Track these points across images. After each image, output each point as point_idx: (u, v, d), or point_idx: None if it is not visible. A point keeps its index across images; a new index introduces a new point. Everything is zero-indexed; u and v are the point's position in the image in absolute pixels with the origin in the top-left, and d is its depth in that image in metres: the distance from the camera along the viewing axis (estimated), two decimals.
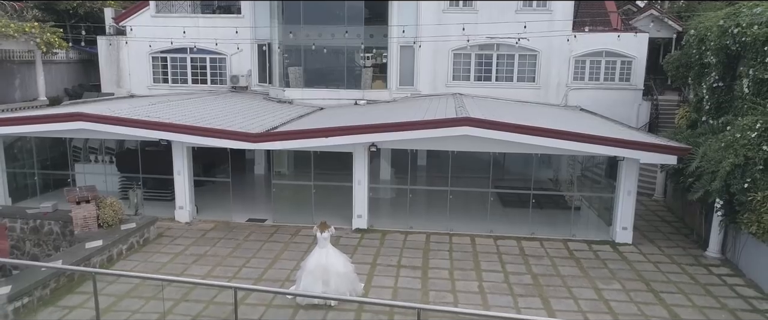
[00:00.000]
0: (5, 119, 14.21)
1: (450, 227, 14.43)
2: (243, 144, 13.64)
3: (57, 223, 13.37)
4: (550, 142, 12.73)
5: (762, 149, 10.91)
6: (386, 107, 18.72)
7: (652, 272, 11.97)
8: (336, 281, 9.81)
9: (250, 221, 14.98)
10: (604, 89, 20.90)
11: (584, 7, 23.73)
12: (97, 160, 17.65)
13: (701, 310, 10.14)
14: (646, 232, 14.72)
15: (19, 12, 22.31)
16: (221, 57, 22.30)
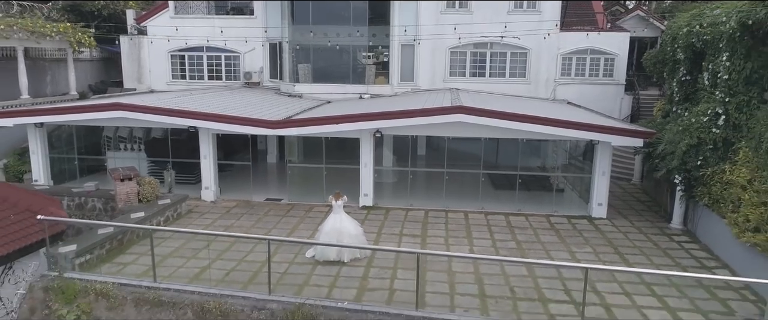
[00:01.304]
0: (55, 108, 16.17)
1: (446, 205, 16.38)
2: (264, 130, 15.60)
3: (99, 200, 15.30)
4: (532, 127, 14.70)
5: (712, 131, 12.86)
6: (388, 99, 20.65)
7: (620, 239, 13.93)
8: (348, 241, 11.75)
9: (268, 200, 16.94)
10: (590, 83, 22.86)
11: (572, 8, 25.62)
12: (126, 147, 19.59)
13: (658, 267, 12.07)
14: (620, 209, 16.68)
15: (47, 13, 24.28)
16: (235, 55, 24.24)
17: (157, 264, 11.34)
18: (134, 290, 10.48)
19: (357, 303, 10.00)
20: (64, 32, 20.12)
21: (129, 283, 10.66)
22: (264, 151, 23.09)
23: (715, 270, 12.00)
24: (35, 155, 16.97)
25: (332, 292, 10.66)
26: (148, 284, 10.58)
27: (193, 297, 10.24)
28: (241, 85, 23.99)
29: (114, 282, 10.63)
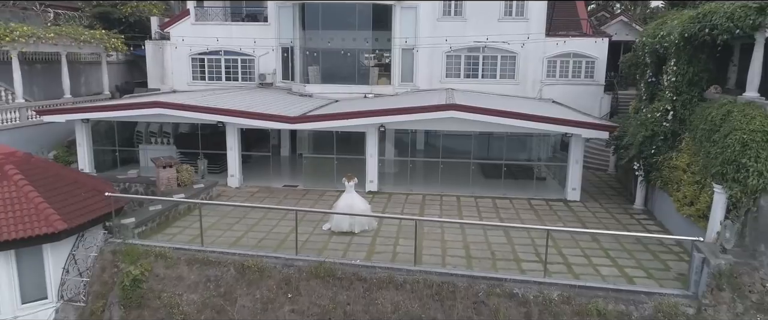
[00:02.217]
0: (102, 106, 18.75)
1: (441, 190, 18.96)
2: (284, 125, 18.20)
3: (141, 185, 17.88)
4: (514, 122, 17.28)
5: (663, 125, 15.43)
6: (390, 98, 23.22)
7: (589, 217, 16.52)
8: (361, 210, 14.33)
9: (285, 186, 19.52)
10: (572, 84, 25.45)
11: (559, 14, 28.20)
12: (156, 141, 22.15)
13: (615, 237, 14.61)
14: (594, 194, 19.27)
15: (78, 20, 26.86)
16: (250, 58, 26.81)
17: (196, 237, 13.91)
18: (185, 252, 13.06)
19: (367, 261, 12.58)
20: (101, 39, 22.70)
21: (181, 247, 13.25)
22: (277, 145, 25.61)
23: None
24: (81, 147, 19.54)
25: (346, 254, 13.22)
26: (197, 248, 13.17)
27: (234, 257, 12.82)
28: (255, 85, 26.54)
29: (169, 247, 13.22)
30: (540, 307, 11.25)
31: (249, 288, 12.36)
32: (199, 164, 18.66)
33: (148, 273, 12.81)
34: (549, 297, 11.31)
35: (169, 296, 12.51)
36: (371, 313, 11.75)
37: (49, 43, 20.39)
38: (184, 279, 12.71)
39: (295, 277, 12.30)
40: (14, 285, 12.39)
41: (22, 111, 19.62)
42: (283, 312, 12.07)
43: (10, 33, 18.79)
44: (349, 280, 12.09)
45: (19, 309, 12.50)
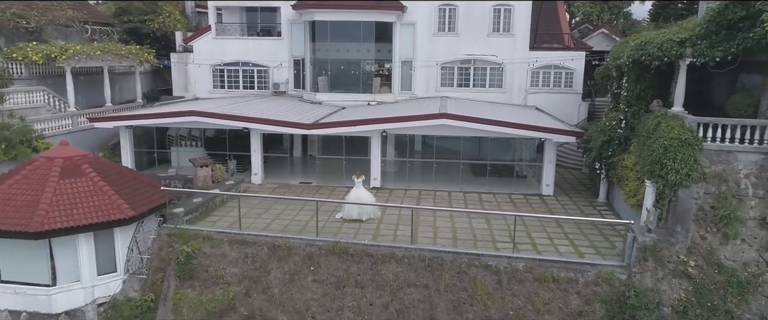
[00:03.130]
0: (145, 114, 22.09)
1: (435, 187, 22.31)
2: (301, 131, 21.56)
3: (179, 181, 21.18)
4: (496, 128, 20.63)
5: (617, 132, 18.80)
6: (392, 106, 26.58)
7: (558, 208, 19.89)
8: (366, 205, 17.68)
9: (301, 183, 22.88)
10: (554, 93, 28.82)
11: (544, 28, 31.54)
12: (185, 144, 25.49)
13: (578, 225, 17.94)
14: (566, 190, 22.63)
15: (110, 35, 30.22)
16: (265, 69, 30.15)
17: (235, 222, 17.27)
18: (227, 235, 16.41)
19: (373, 241, 15.94)
20: (136, 54, 26.08)
21: (223, 231, 16.62)
22: (290, 146, 28.91)
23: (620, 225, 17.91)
24: (125, 149, 22.89)
25: (356, 236, 16.56)
26: (236, 231, 16.53)
27: (267, 239, 16.17)
28: (270, 93, 29.87)
29: (213, 230, 16.59)
30: (508, 275, 14.61)
31: (279, 263, 15.72)
32: (228, 164, 22.00)
33: (198, 251, 16.15)
34: (516, 268, 14.68)
35: (215, 269, 15.87)
36: (377, 281, 15.11)
37: (96, 59, 23.74)
38: (226, 256, 16.07)
39: (316, 254, 15.66)
40: (92, 260, 15.73)
41: (74, 118, 22.96)
42: (307, 281, 15.42)
43: (65, 52, 22.16)
44: (359, 256, 15.45)
45: (96, 279, 15.84)
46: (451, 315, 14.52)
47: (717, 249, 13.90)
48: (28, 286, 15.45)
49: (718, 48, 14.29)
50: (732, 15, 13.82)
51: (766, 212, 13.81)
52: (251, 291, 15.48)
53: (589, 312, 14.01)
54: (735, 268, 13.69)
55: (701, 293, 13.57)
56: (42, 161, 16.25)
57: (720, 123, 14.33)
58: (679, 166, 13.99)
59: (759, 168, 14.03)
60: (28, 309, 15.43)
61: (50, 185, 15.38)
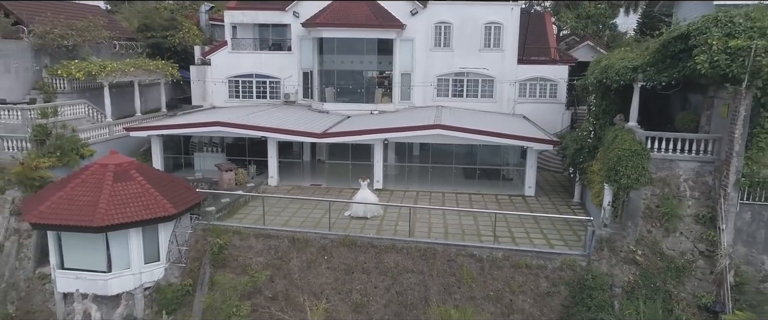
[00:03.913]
0: (175, 124, 25.17)
1: (430, 188, 25.43)
2: (312, 139, 24.69)
3: (205, 184, 24.26)
4: (484, 138, 23.75)
5: (587, 141, 21.94)
6: (393, 115, 29.69)
7: (537, 207, 23.01)
8: (371, 205, 20.82)
9: (312, 184, 26.01)
10: (540, 102, 31.95)
11: (532, 42, 34.65)
12: (206, 150, 28.59)
13: (553, 222, 21.07)
14: (547, 191, 25.76)
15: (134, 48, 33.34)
16: (276, 80, 33.25)
17: (259, 219, 20.40)
18: (253, 230, 19.54)
19: (377, 235, 19.08)
20: (162, 69, 29.22)
21: (249, 226, 19.75)
22: (300, 151, 32.00)
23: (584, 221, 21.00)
24: (155, 155, 26.02)
25: (363, 231, 19.69)
26: (260, 227, 19.66)
27: (287, 233, 19.30)
28: (281, 103, 32.98)
29: (241, 226, 19.72)
30: (489, 263, 17.75)
31: (298, 253, 18.85)
32: (248, 168, 25.14)
33: (228, 243, 19.28)
34: (496, 257, 17.81)
35: (244, 258, 19.01)
36: (380, 268, 18.24)
37: (128, 74, 26.87)
38: (253, 248, 19.20)
39: (329, 246, 18.78)
40: (140, 250, 18.84)
41: (111, 127, 26.07)
42: (322, 268, 18.56)
43: (104, 69, 25.28)
44: (365, 247, 18.58)
45: (143, 267, 18.96)
46: (442, 295, 17.64)
47: (660, 240, 17.03)
48: (88, 272, 18.57)
49: (663, 74, 17.43)
50: (673, 48, 16.95)
51: (700, 210, 16.95)
52: (275, 276, 18.60)
53: (555, 293, 17.15)
54: (674, 256, 16.83)
55: (646, 276, 16.70)
56: (97, 168, 19.37)
57: (664, 137, 17.47)
58: (630, 172, 17.13)
59: (695, 174, 17.18)
60: (88, 291, 18.55)
61: (106, 188, 18.51)
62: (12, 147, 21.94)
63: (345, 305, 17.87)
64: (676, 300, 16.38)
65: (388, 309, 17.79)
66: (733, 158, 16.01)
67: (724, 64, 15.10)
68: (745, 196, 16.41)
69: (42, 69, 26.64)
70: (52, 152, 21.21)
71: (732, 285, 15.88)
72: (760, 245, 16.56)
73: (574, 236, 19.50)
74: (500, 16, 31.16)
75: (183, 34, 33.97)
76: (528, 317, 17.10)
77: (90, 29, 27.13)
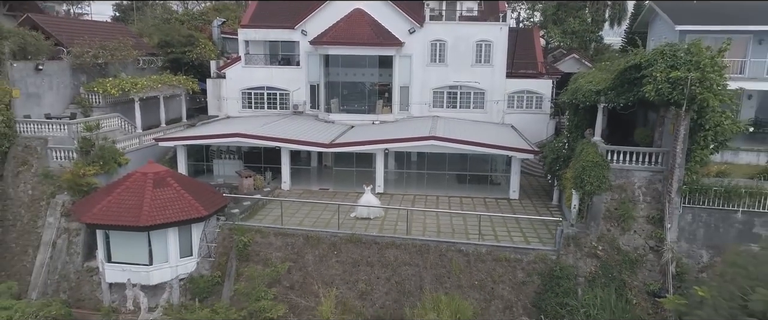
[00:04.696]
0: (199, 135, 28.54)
1: (426, 192, 28.80)
2: (321, 149, 28.08)
3: (227, 188, 27.62)
4: (473, 148, 27.14)
5: (563, 151, 25.34)
6: (393, 125, 33.05)
7: (520, 208, 26.41)
8: (374, 207, 24.23)
9: (321, 188, 29.40)
10: (527, 113, 35.32)
11: (520, 56, 37.99)
12: (224, 157, 31.96)
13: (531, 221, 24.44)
14: (530, 194, 29.16)
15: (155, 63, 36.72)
16: (285, 92, 36.60)
17: (277, 219, 23.78)
18: (272, 229, 22.93)
19: (379, 233, 22.47)
20: (184, 84, 32.64)
21: (269, 226, 23.14)
22: (307, 158, 35.34)
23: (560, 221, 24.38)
24: (180, 162, 29.38)
25: (367, 230, 23.07)
26: (279, 226, 23.05)
27: (301, 231, 22.69)
28: (290, 113, 36.33)
29: (262, 225, 23.11)
30: (474, 257, 21.15)
31: (311, 249, 22.24)
32: (265, 174, 28.54)
33: (251, 240, 22.66)
34: (480, 252, 21.21)
35: (265, 253, 22.40)
36: (382, 262, 21.63)
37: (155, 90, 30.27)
38: (272, 244, 22.59)
39: (338, 242, 22.17)
40: (177, 246, 22.21)
41: (141, 138, 29.45)
42: (332, 262, 21.94)
43: (135, 85, 28.68)
44: (369, 244, 21.98)
45: (179, 261, 22.32)
46: (434, 285, 21.04)
47: (617, 237, 20.45)
48: (132, 265, 21.96)
49: (621, 97, 20.84)
50: (629, 76, 20.36)
51: (651, 212, 20.36)
52: (292, 268, 21.99)
53: (529, 282, 20.56)
54: (628, 251, 20.24)
55: (605, 268, 20.11)
56: (138, 176, 22.75)
57: (622, 150, 20.88)
58: (593, 180, 20.54)
59: (647, 182, 20.59)
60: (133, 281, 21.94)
61: (148, 193, 21.89)
62: (60, 157, 25.30)
63: (352, 292, 21.28)
64: (629, 288, 19.81)
65: (389, 296, 21.20)
66: (675, 169, 19.41)
67: (667, 91, 18.51)
68: (687, 200, 19.83)
69: (79, 85, 30.03)
70: (95, 161, 24.54)
71: (674, 275, 19.30)
72: (699, 241, 19.99)
73: (548, 234, 22.89)
74: (490, 35, 34.56)
75: (200, 49, 37.33)
76: (506, 302, 20.52)
77: (120, 49, 30.49)
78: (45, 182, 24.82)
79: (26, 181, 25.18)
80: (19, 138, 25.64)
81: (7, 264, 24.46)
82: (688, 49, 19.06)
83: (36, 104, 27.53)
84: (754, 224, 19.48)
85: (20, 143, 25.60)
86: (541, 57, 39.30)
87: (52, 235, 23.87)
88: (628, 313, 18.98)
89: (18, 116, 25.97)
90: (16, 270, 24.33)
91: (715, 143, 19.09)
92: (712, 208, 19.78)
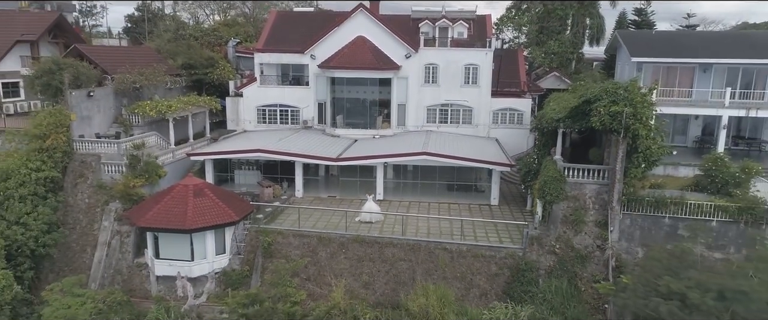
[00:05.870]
0: (225, 150, 33.78)
1: (419, 199, 34.02)
2: (329, 162, 33.34)
3: (249, 196, 32.85)
4: (458, 162, 32.37)
5: (533, 166, 30.56)
6: (391, 139, 38.24)
7: (498, 214, 31.66)
8: (375, 213, 29.49)
9: (329, 196, 34.64)
10: (510, 128, 40.58)
11: (505, 76, 43.24)
12: (244, 168, 37.17)
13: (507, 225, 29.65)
14: (509, 201, 34.41)
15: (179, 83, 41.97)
16: (296, 109, 41.82)
17: (294, 222, 29.01)
18: (291, 231, 28.17)
19: (379, 235, 27.71)
20: (208, 103, 37.91)
21: (288, 228, 28.39)
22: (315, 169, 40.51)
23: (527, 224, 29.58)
24: (208, 173, 34.62)
25: (369, 231, 28.30)
26: (296, 229, 28.30)
27: (315, 233, 27.94)
28: (300, 127, 41.55)
29: (282, 228, 28.36)
30: (457, 253, 26.39)
31: (324, 247, 27.47)
32: (282, 185, 33.79)
33: (274, 241, 27.88)
34: (462, 249, 26.46)
35: (285, 251, 27.63)
36: (382, 258, 26.87)
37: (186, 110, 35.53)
38: (291, 243, 27.83)
39: (346, 242, 27.41)
40: (213, 246, 27.44)
41: (174, 153, 34.68)
42: (341, 258, 27.18)
43: (170, 107, 33.94)
44: (371, 243, 27.21)
45: (214, 257, 27.55)
46: (424, 276, 26.25)
47: (571, 238, 25.68)
48: (177, 261, 27.17)
49: (577, 124, 26.12)
50: (582, 108, 25.58)
51: (598, 218, 25.59)
52: (308, 264, 27.21)
53: (500, 274, 25.81)
54: (580, 248, 25.48)
55: (561, 262, 25.35)
56: (181, 187, 27.98)
57: (576, 167, 26.10)
58: (553, 191, 25.77)
59: (596, 193, 25.81)
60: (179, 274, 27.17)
61: (190, 202, 27.13)
62: (111, 170, 30.52)
63: (357, 283, 26.52)
64: (579, 278, 25.06)
65: (387, 286, 26.45)
66: (616, 183, 24.66)
67: (608, 122, 23.74)
68: (626, 208, 25.07)
69: (120, 107, 35.29)
70: (141, 174, 29.75)
71: (614, 267, 24.55)
72: (635, 241, 25.23)
73: (518, 235, 28.10)
74: (477, 59, 39.82)
75: (220, 71, 42.60)
76: (482, 290, 25.79)
77: (155, 75, 35.74)
78: (99, 191, 29.99)
79: (83, 191, 30.38)
80: (76, 155, 30.82)
81: (69, 260, 29.66)
82: (625, 88, 24.27)
83: (87, 124, 32.77)
84: (678, 227, 24.70)
85: (77, 159, 30.80)
86: (524, 76, 44.58)
87: (107, 236, 29.12)
88: (576, 298, 24.23)
89: (74, 135, 31.16)
90: (76, 265, 29.52)
91: (645, 163, 24.26)
92: (645, 214, 25.00)
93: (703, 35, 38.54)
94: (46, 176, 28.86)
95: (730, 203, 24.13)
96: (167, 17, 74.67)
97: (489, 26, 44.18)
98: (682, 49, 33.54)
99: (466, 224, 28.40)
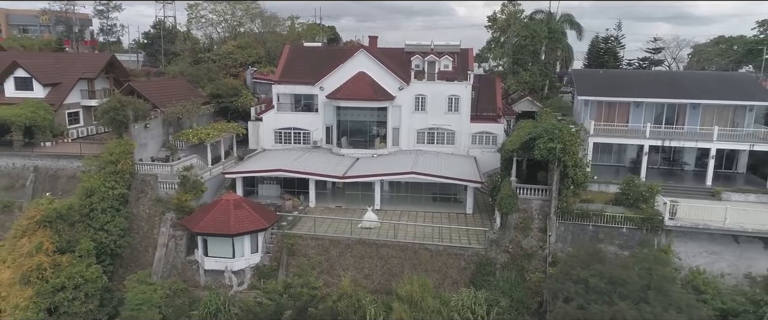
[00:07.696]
0: (253, 170, 42.92)
1: (409, 209, 43.15)
2: (336, 179, 42.49)
3: (272, 207, 41.96)
4: (440, 179, 41.52)
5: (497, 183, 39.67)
6: (387, 158, 47.35)
7: (473, 219, 40.84)
8: (373, 221, 38.65)
9: (337, 206, 43.81)
10: (485, 148, 49.73)
11: (483, 102, 52.37)
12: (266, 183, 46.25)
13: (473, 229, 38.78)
14: (482, 210, 43.56)
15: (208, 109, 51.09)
16: (307, 131, 50.98)
17: (311, 228, 38.21)
18: (309, 235, 37.36)
19: (377, 238, 36.88)
20: (235, 129, 47.09)
21: (307, 233, 37.59)
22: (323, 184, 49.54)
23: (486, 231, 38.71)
24: (238, 187, 43.75)
25: (369, 235, 37.45)
26: (312, 233, 37.49)
27: (328, 237, 37.15)
28: (310, 147, 50.67)
29: (301, 233, 37.56)
30: (435, 253, 35.59)
31: (335, 248, 36.66)
32: (301, 197, 43.00)
33: (295, 243, 37.06)
34: (439, 249, 35.65)
35: (304, 251, 36.83)
36: (379, 256, 36.07)
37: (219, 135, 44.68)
38: (309, 245, 37.03)
39: (351, 244, 36.59)
40: (249, 246, 36.60)
41: (211, 171, 43.78)
42: (347, 256, 36.39)
43: (208, 135, 43.03)
44: (371, 244, 36.40)
45: (250, 256, 36.72)
46: (410, 270, 35.38)
47: (521, 240, 34.86)
48: (223, 258, 36.34)
49: (527, 153, 35.29)
50: (529, 143, 34.75)
51: (541, 225, 34.75)
52: (322, 261, 36.37)
53: (468, 268, 35.01)
54: (527, 249, 34.66)
55: (513, 259, 34.53)
56: (224, 202, 37.14)
57: (526, 187, 35.26)
58: (507, 206, 34.95)
59: (540, 206, 34.99)
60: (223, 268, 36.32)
61: (232, 213, 36.31)
62: (165, 187, 39.65)
63: (360, 275, 35.73)
64: (526, 271, 34.28)
65: (383, 277, 35.67)
66: (553, 199, 33.85)
67: (546, 154, 32.91)
68: (561, 218, 34.24)
69: (167, 134, 44.44)
70: (190, 190, 38.90)
71: (550, 263, 33.75)
72: (568, 243, 34.40)
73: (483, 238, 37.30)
74: (458, 91, 49.00)
75: (242, 99, 51.78)
76: (454, 280, 35.01)
77: (195, 109, 44.88)
78: (157, 204, 39.11)
79: (144, 204, 39.50)
80: (138, 175, 39.95)
81: (135, 258, 38.79)
82: (559, 129, 33.43)
83: (143, 150, 41.91)
84: (599, 233, 33.91)
85: (139, 178, 39.91)
86: (500, 102, 53.73)
87: (164, 239, 38.27)
88: (522, 285, 33.46)
89: (135, 159, 40.30)
90: (141, 262, 38.65)
91: (573, 185, 33.42)
92: (575, 223, 34.19)
93: (641, 75, 47.66)
94: (119, 193, 37.97)
95: (635, 215, 33.35)
96: (182, 34, 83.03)
97: (470, 59, 53.35)
98: (620, 88, 42.77)
99: (443, 230, 37.59)
